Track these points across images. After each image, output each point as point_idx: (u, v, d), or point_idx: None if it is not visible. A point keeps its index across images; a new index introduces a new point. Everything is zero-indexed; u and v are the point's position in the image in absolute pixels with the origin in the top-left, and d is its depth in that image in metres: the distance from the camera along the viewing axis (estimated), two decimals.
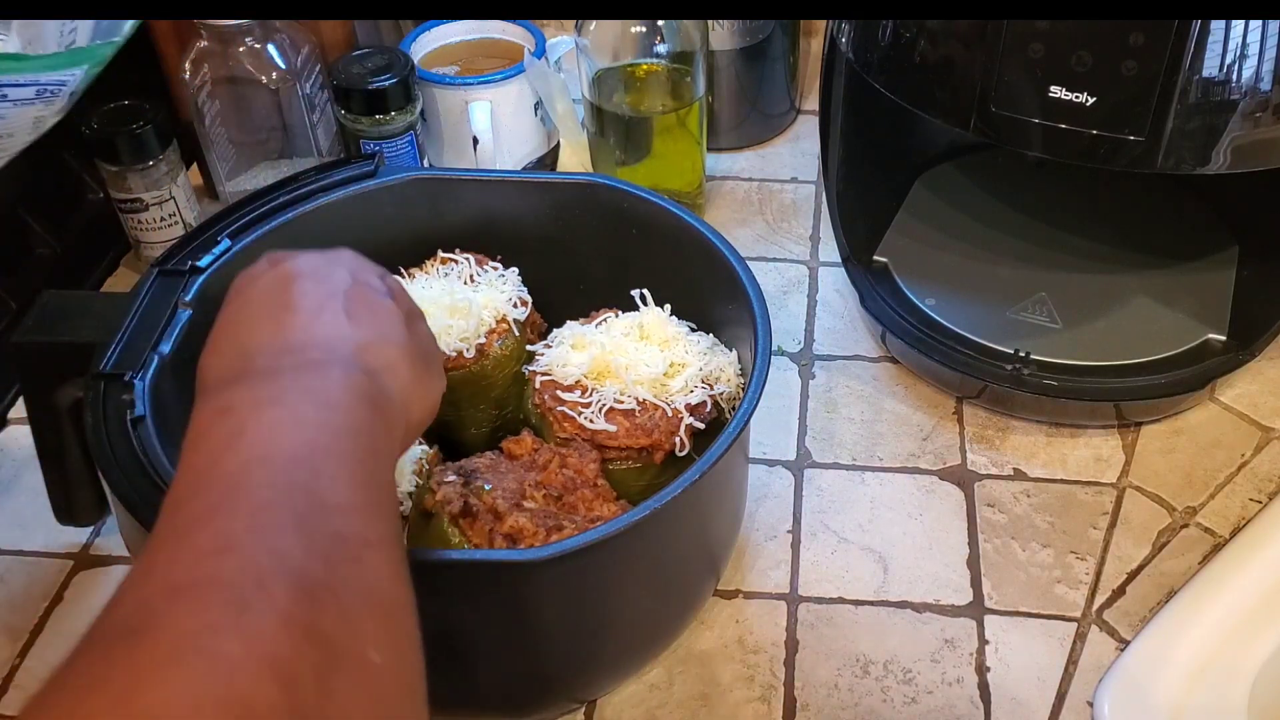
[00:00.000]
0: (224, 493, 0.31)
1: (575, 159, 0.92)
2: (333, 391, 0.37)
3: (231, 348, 0.39)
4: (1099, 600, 0.63)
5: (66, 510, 0.61)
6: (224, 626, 0.26)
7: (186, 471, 0.33)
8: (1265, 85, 0.56)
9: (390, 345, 0.41)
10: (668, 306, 0.63)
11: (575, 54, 0.83)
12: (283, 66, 0.83)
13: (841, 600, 0.63)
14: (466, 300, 0.62)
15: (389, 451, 0.38)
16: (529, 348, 0.65)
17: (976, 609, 0.62)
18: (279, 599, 0.28)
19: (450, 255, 0.66)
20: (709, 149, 0.90)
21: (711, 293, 0.62)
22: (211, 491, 0.32)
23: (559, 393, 0.60)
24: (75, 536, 0.67)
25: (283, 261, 0.43)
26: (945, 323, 0.74)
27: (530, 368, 0.63)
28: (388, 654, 0.30)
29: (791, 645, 0.61)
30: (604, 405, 0.59)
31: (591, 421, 0.59)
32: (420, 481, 0.56)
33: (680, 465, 0.57)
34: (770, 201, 0.91)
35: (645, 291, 0.63)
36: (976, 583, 0.64)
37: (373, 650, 0.29)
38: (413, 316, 0.45)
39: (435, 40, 0.89)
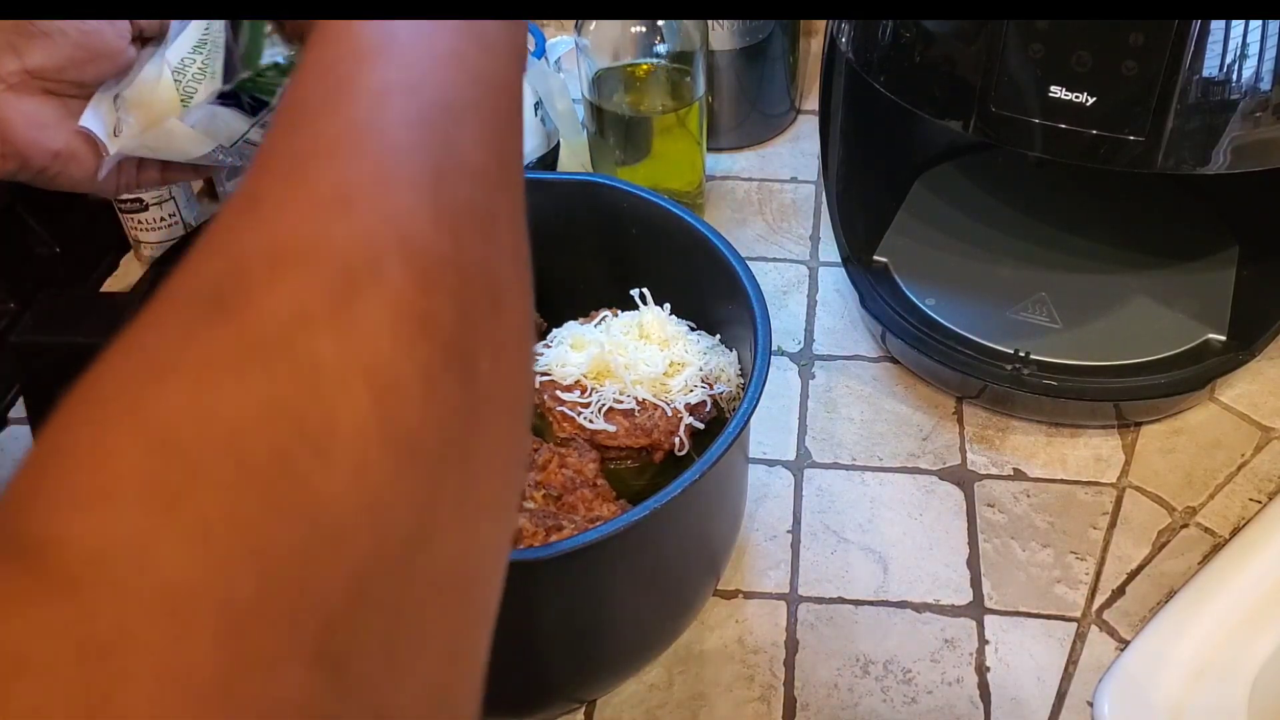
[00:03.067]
0: (355, 120, 0.26)
1: (575, 159, 0.92)
2: (490, 29, 0.31)
3: None
4: (1099, 600, 0.63)
5: None
6: (320, 318, 0.22)
7: (315, 67, 0.28)
8: (1265, 85, 0.56)
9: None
10: (667, 306, 0.63)
11: (575, 54, 0.83)
12: None
13: (841, 600, 0.63)
14: None
15: (521, 112, 0.33)
16: None
17: (976, 609, 0.62)
18: (394, 283, 0.23)
19: None
20: (709, 149, 0.90)
21: (711, 293, 0.62)
22: (340, 113, 0.26)
23: (558, 393, 0.60)
24: None
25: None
26: (945, 323, 0.74)
27: None
28: (499, 360, 0.25)
29: (791, 645, 0.61)
30: (603, 405, 0.59)
31: (591, 421, 0.59)
32: None
33: (680, 465, 0.57)
34: (770, 201, 0.91)
35: (645, 290, 0.63)
36: (976, 583, 0.64)
37: (483, 355, 0.25)
38: None
39: None
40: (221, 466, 0.19)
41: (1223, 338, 0.72)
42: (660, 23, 0.80)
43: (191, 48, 0.47)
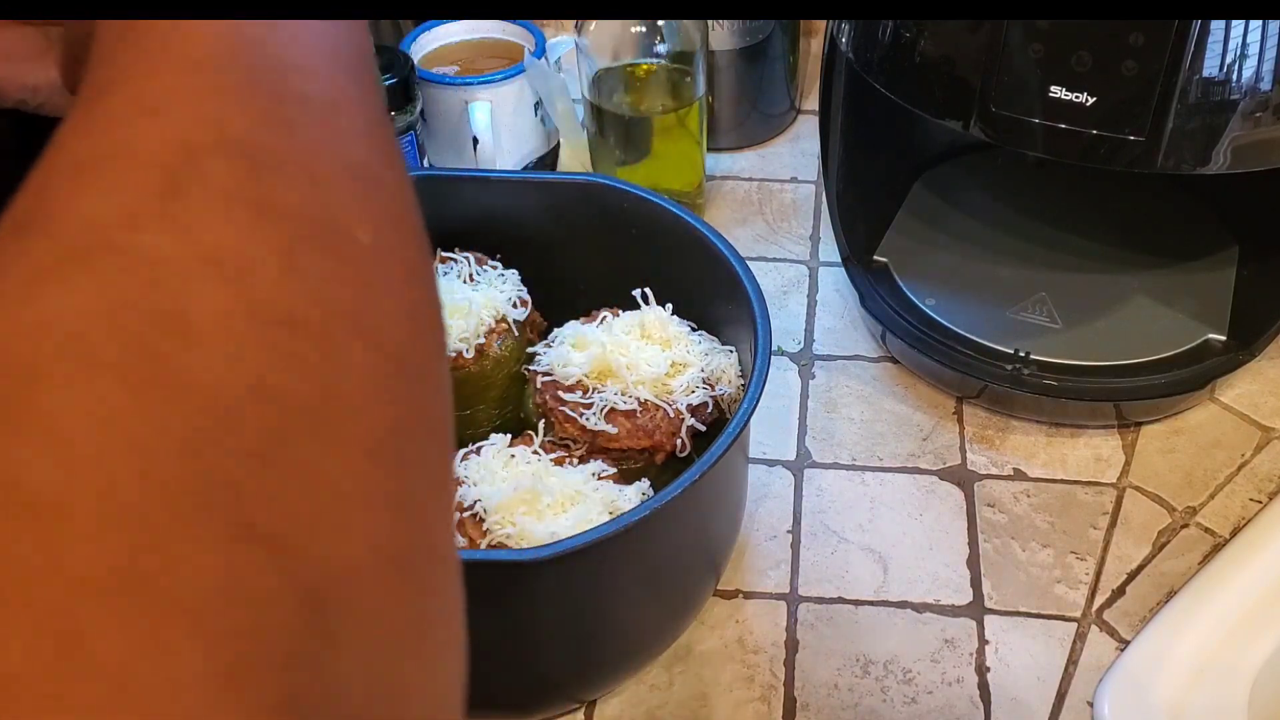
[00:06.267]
0: (148, 49, 0.23)
1: (575, 159, 0.92)
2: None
3: None
4: (1099, 600, 0.63)
5: None
6: (145, 214, 0.19)
7: (106, 27, 0.24)
8: (1265, 85, 0.56)
9: None
10: (669, 306, 0.63)
11: (575, 54, 0.83)
12: None
13: (841, 600, 0.63)
14: (466, 300, 0.62)
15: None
16: (529, 348, 0.65)
17: (976, 609, 0.62)
18: (218, 174, 0.21)
19: (449, 254, 0.66)
20: (709, 149, 0.90)
21: (711, 293, 0.62)
22: (132, 48, 0.23)
23: (560, 393, 0.60)
24: None
25: None
26: (945, 323, 0.74)
27: (531, 368, 0.63)
28: (381, 231, 0.23)
29: (791, 645, 0.61)
30: (605, 406, 0.59)
31: (593, 423, 0.59)
32: None
33: (681, 466, 0.57)
34: (770, 201, 0.91)
35: (647, 290, 0.63)
36: (976, 583, 0.64)
37: (359, 227, 0.22)
38: None
39: (435, 40, 0.89)
40: (68, 369, 0.17)
41: (1223, 338, 0.72)
42: (660, 23, 0.80)
43: None
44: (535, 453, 0.58)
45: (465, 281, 0.65)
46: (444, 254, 0.66)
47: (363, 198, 0.23)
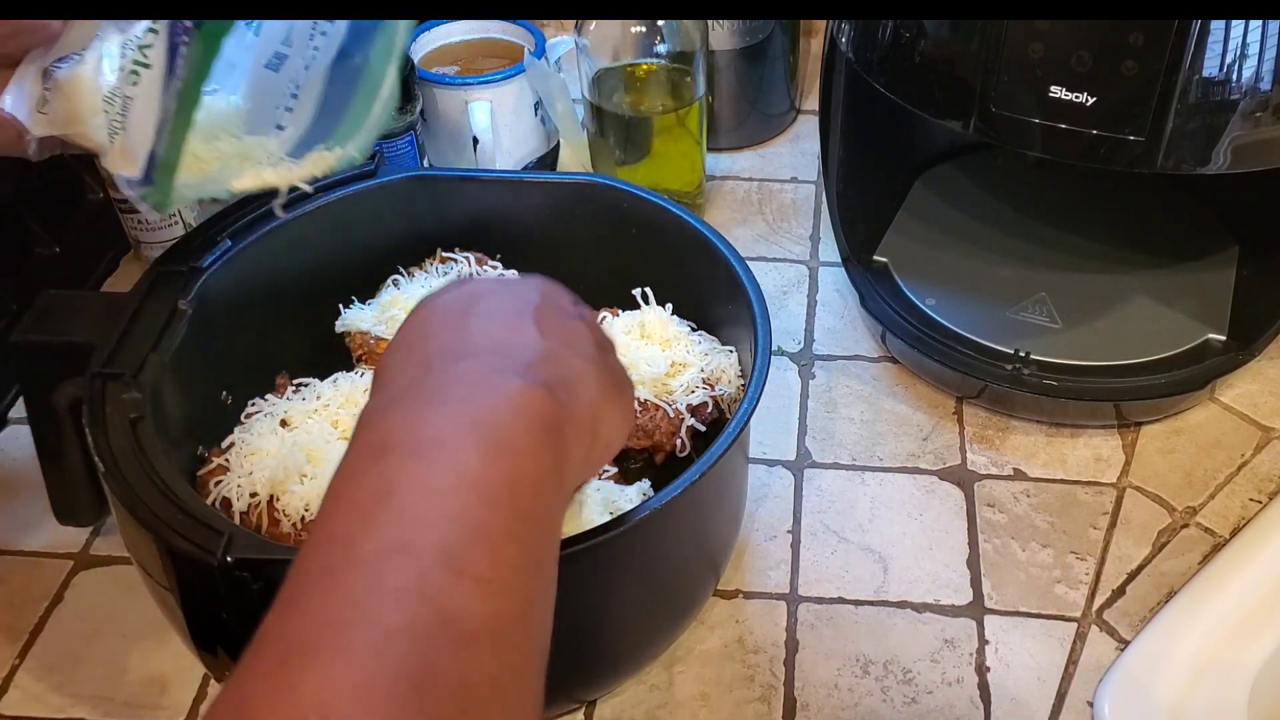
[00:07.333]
0: (345, 602, 0.28)
1: (575, 159, 0.92)
2: (504, 419, 0.33)
3: (409, 349, 0.37)
4: (1099, 600, 0.63)
5: (66, 510, 0.60)
6: None
7: (319, 536, 0.30)
8: (1265, 85, 0.56)
9: (579, 358, 0.38)
10: (669, 306, 0.63)
11: (575, 54, 0.83)
12: None
13: (841, 600, 0.63)
14: None
15: (558, 490, 0.35)
16: None
17: (976, 609, 0.62)
18: None
19: (450, 255, 0.66)
20: (709, 149, 0.90)
21: (711, 293, 0.62)
22: (333, 592, 0.28)
23: None
24: (75, 536, 0.67)
25: (472, 281, 0.42)
26: (945, 323, 0.74)
27: None
28: None
29: (791, 645, 0.61)
30: None
31: None
32: None
33: (681, 466, 0.57)
34: (770, 201, 0.91)
35: (647, 290, 0.63)
36: (976, 583, 0.64)
37: None
38: (604, 345, 0.42)
39: (435, 40, 0.89)
40: None
41: (1223, 338, 0.72)
42: (660, 23, 0.80)
43: (137, 39, 0.44)
44: None
45: None
46: (444, 254, 0.66)
47: None
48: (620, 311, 0.65)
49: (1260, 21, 0.55)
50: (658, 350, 0.61)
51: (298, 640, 0.27)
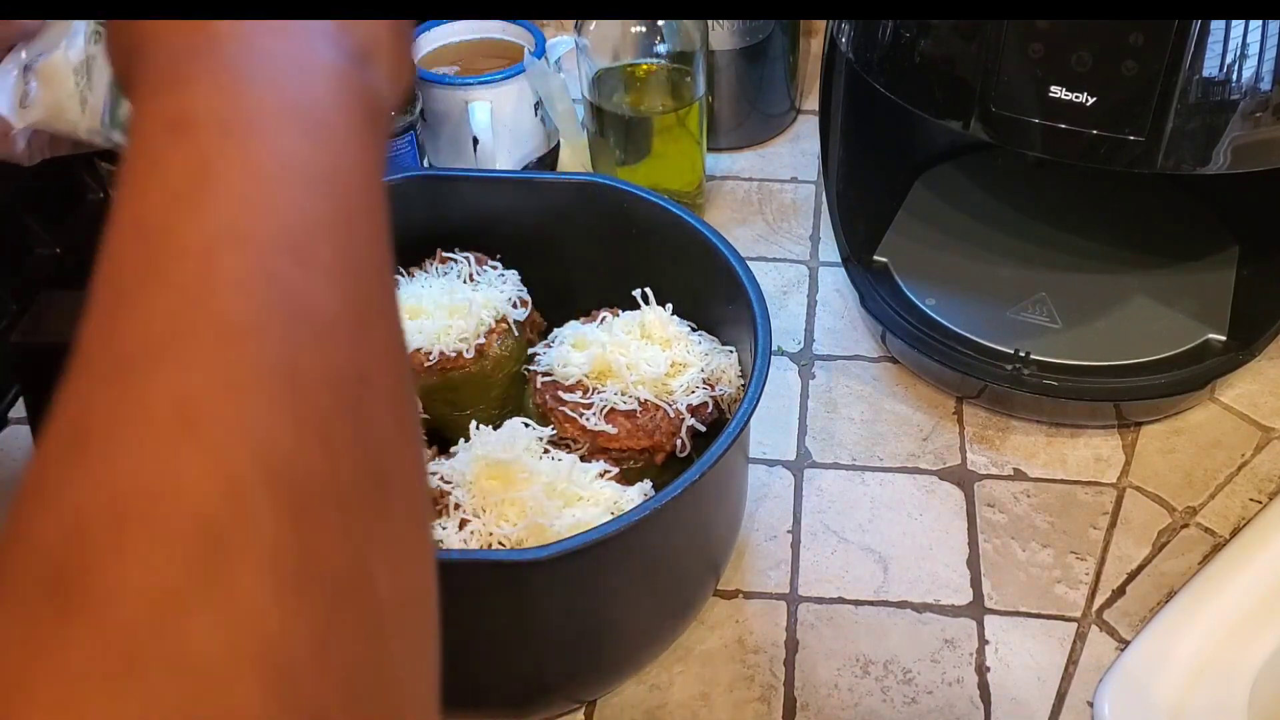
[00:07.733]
0: (181, 299, 0.23)
1: (575, 159, 0.92)
2: (319, 97, 0.27)
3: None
4: (1099, 600, 0.63)
5: None
6: (188, 594, 0.19)
7: (128, 226, 0.25)
8: (1265, 85, 0.56)
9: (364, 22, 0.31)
10: (669, 306, 0.63)
11: (575, 54, 0.83)
12: None
13: (841, 600, 0.63)
14: (466, 300, 0.62)
15: (380, 185, 0.30)
16: (529, 348, 0.65)
17: (976, 609, 0.62)
18: (266, 528, 0.20)
19: (450, 255, 0.66)
20: (709, 149, 0.90)
21: (711, 293, 0.62)
22: (163, 290, 0.23)
23: (560, 393, 0.60)
24: None
25: None
26: (945, 323, 0.74)
27: (531, 368, 0.63)
28: (399, 571, 0.23)
29: (791, 645, 0.61)
30: (605, 406, 0.59)
31: (593, 423, 0.59)
32: None
33: (681, 466, 0.57)
34: (770, 201, 0.91)
35: (647, 290, 0.63)
36: (976, 583, 0.64)
37: (381, 571, 0.22)
38: None
39: (435, 40, 0.89)
40: None
41: (1223, 338, 0.72)
42: (660, 23, 0.80)
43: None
44: None
45: (465, 281, 0.65)
46: (444, 254, 0.66)
47: (384, 524, 0.23)
48: (620, 311, 0.65)
49: (1260, 21, 0.55)
50: (658, 350, 0.61)
51: (133, 347, 0.22)
